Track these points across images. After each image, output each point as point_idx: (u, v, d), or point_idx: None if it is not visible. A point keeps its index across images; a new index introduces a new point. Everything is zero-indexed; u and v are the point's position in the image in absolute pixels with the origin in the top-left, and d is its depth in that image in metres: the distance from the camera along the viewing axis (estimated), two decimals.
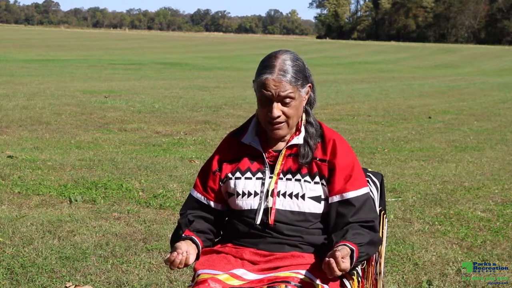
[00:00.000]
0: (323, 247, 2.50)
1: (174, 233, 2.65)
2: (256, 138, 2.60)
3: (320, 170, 2.52)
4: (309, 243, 2.50)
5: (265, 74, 2.46)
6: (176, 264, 2.38)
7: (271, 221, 2.49)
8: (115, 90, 17.12)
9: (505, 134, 11.65)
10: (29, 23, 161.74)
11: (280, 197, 2.50)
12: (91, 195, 6.05)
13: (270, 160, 2.56)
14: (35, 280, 4.00)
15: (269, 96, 2.46)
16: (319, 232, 2.53)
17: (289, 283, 2.27)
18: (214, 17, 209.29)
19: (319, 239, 2.52)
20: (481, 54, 57.14)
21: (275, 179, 2.52)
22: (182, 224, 2.61)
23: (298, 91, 2.49)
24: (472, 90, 22.35)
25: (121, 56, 38.82)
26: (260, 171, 2.55)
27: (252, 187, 2.54)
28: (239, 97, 16.72)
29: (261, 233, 2.51)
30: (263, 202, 2.51)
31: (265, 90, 2.47)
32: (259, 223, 2.50)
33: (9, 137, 9.50)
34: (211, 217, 2.63)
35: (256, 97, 2.55)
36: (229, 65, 34.62)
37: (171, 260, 2.38)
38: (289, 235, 2.49)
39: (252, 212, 2.52)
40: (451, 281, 4.17)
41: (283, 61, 2.47)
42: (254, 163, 2.57)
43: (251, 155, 2.59)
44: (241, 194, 2.54)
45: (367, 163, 7.96)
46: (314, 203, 2.51)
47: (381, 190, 2.70)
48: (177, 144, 9.56)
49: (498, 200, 6.36)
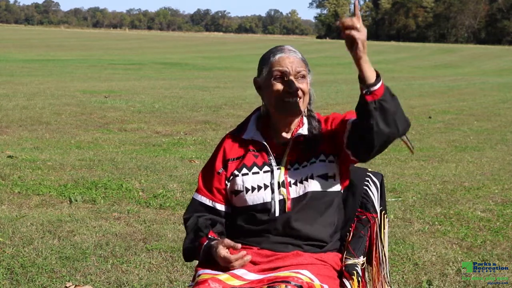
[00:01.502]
0: (329, 247, 2.52)
1: (193, 234, 2.57)
2: (258, 132, 2.61)
3: (327, 147, 2.55)
4: (316, 239, 2.50)
5: (278, 54, 2.55)
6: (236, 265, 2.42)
7: (288, 209, 2.50)
8: (115, 90, 17.11)
9: (505, 134, 11.65)
10: (29, 23, 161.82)
11: (292, 186, 2.51)
12: (91, 195, 6.05)
13: (276, 154, 2.57)
14: (35, 280, 4.00)
15: (286, 72, 2.51)
16: (328, 226, 2.53)
17: (289, 283, 2.27)
18: (214, 17, 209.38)
19: (326, 235, 2.52)
20: (481, 54, 57.15)
21: (283, 170, 2.53)
22: (202, 226, 2.56)
23: (307, 72, 2.56)
24: (472, 90, 22.35)
25: (121, 56, 38.82)
26: (266, 164, 2.56)
27: (261, 180, 2.53)
28: (239, 97, 16.72)
29: (269, 228, 2.50)
30: (276, 193, 2.51)
31: (280, 67, 2.52)
32: (278, 214, 2.50)
33: (9, 137, 9.50)
34: (220, 219, 2.62)
35: (262, 88, 2.57)
36: (229, 65, 34.62)
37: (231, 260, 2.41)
38: (297, 228, 2.49)
39: (266, 205, 2.51)
40: (451, 281, 4.17)
41: (289, 46, 2.60)
42: (259, 157, 2.58)
43: (255, 150, 2.59)
44: (251, 189, 2.53)
45: (367, 163, 7.93)
46: (321, 180, 2.52)
47: (381, 190, 2.70)
48: (177, 144, 9.56)
49: (498, 200, 6.36)
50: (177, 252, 4.47)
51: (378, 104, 2.31)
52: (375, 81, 2.31)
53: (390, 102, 2.33)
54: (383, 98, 2.31)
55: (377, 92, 2.31)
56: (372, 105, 2.31)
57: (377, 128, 2.33)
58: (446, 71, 38.06)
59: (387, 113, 2.32)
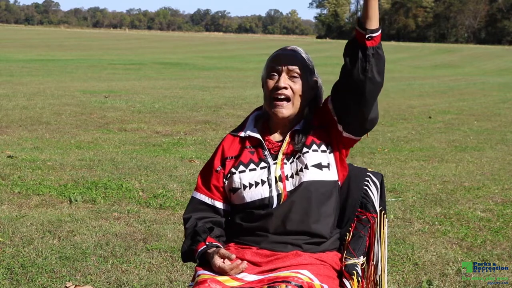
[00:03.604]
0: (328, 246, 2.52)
1: (191, 239, 2.57)
2: (255, 129, 2.62)
3: (318, 136, 2.55)
4: (314, 232, 2.50)
5: (277, 51, 2.61)
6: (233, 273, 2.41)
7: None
8: (115, 90, 17.12)
9: (505, 134, 11.65)
10: (29, 23, 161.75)
11: (289, 179, 2.51)
12: (91, 195, 6.06)
13: (273, 150, 2.57)
14: (35, 280, 4.00)
15: (278, 69, 2.54)
16: (327, 218, 2.53)
17: (289, 283, 2.27)
18: (214, 17, 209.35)
19: (325, 228, 2.52)
20: (481, 54, 57.13)
21: (279, 165, 2.53)
22: (200, 231, 2.55)
23: (306, 74, 2.56)
24: (472, 90, 22.35)
25: (121, 56, 38.81)
26: (262, 160, 2.56)
27: (258, 176, 2.54)
28: (239, 97, 16.72)
29: (267, 225, 2.49)
30: (274, 188, 2.51)
31: (274, 63, 2.56)
32: (275, 207, 2.49)
33: (9, 137, 9.50)
34: (220, 219, 2.62)
35: (262, 87, 2.59)
36: (229, 65, 34.59)
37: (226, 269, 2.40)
38: (295, 220, 2.48)
39: (264, 200, 2.51)
40: (451, 281, 4.17)
41: (296, 47, 2.63)
42: (255, 154, 2.58)
43: (251, 147, 2.60)
44: (248, 186, 2.54)
45: (367, 163, 7.95)
46: (316, 170, 2.51)
47: (381, 190, 2.70)
48: (177, 144, 9.56)
49: (498, 200, 6.37)
50: (177, 252, 4.47)
51: (376, 51, 2.33)
52: (378, 27, 2.33)
53: (383, 52, 2.37)
54: (380, 46, 2.35)
55: (376, 39, 2.33)
56: (371, 50, 2.33)
57: (371, 74, 2.34)
58: (446, 71, 38.05)
59: (381, 60, 2.35)
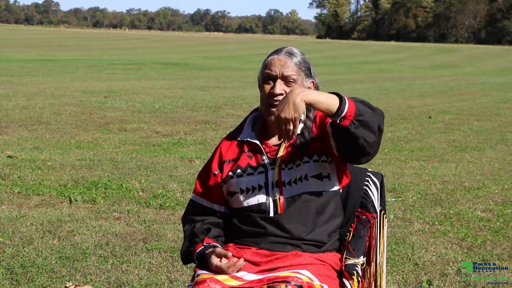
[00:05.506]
0: (328, 247, 2.51)
1: (189, 241, 2.59)
2: (253, 133, 2.61)
3: (319, 146, 2.52)
4: (312, 240, 2.50)
5: (272, 55, 2.55)
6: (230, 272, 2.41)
7: (281, 210, 2.48)
8: (115, 90, 17.11)
9: (505, 134, 11.65)
10: (29, 23, 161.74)
11: (286, 186, 2.50)
12: (91, 195, 6.05)
13: (270, 154, 2.56)
14: (35, 280, 4.00)
15: (273, 75, 2.50)
16: (325, 227, 2.52)
17: (289, 283, 2.27)
18: (214, 17, 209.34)
19: (323, 236, 2.52)
20: (481, 54, 57.14)
21: (277, 170, 2.52)
22: (197, 232, 2.57)
23: (302, 77, 2.53)
24: (472, 90, 22.34)
25: (121, 56, 38.81)
26: (260, 165, 2.55)
27: (256, 181, 2.53)
28: (239, 97, 16.72)
29: (265, 229, 2.49)
30: (271, 194, 2.50)
31: (269, 69, 2.51)
32: (272, 215, 2.48)
33: (9, 137, 9.50)
34: (218, 220, 2.62)
35: (259, 88, 2.57)
36: (229, 65, 34.58)
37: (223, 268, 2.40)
38: (291, 230, 2.47)
39: (261, 206, 2.51)
40: (451, 281, 4.17)
41: (291, 48, 2.57)
42: (253, 158, 2.57)
43: (249, 151, 2.59)
44: (245, 191, 2.53)
45: (367, 163, 7.93)
46: (316, 181, 2.50)
47: (381, 190, 2.70)
48: (177, 144, 9.56)
49: (498, 200, 6.37)
50: (177, 252, 4.47)
51: (357, 122, 2.24)
52: (341, 105, 2.24)
53: (364, 112, 2.26)
54: (357, 113, 2.24)
55: (349, 113, 2.23)
56: (352, 127, 2.24)
57: (367, 142, 2.28)
58: (446, 71, 38.05)
59: (368, 124, 2.26)
